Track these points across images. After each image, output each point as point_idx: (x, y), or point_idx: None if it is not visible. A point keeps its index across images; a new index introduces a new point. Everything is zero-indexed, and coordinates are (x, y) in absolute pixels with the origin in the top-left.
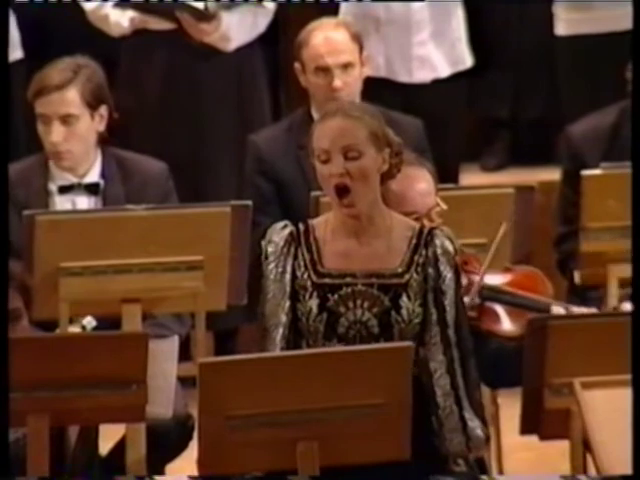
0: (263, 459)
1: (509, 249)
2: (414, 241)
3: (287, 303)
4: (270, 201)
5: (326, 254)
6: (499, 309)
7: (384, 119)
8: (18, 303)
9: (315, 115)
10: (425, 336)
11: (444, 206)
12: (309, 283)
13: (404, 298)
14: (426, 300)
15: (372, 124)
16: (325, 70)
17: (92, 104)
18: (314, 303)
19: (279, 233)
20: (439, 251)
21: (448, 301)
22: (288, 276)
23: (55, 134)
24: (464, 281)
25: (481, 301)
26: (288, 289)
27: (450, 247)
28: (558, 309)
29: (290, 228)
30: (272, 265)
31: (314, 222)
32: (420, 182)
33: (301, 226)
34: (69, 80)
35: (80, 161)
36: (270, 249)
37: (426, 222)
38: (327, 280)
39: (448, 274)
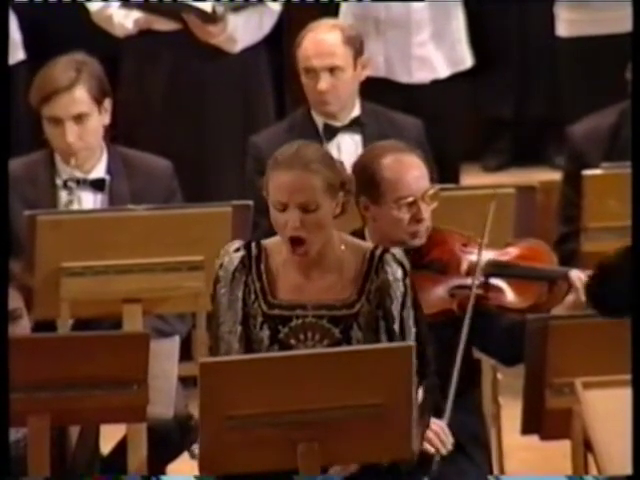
0: (263, 459)
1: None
2: (365, 268)
3: (239, 329)
4: None
5: (278, 284)
6: (506, 283)
7: (385, 120)
8: (19, 303)
9: (314, 116)
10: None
11: (436, 188)
12: (259, 312)
13: (355, 329)
14: (378, 327)
15: (328, 175)
16: (312, 72)
17: (98, 99)
18: (265, 334)
19: (231, 257)
20: (390, 278)
21: (398, 326)
22: (239, 303)
23: (70, 135)
24: (466, 262)
25: (486, 279)
26: (240, 316)
27: (400, 273)
28: (577, 274)
29: (242, 253)
30: (223, 290)
31: (268, 245)
32: (413, 167)
33: (254, 250)
34: (75, 79)
35: (91, 156)
36: (221, 273)
37: (422, 205)
38: (277, 311)
39: (398, 300)
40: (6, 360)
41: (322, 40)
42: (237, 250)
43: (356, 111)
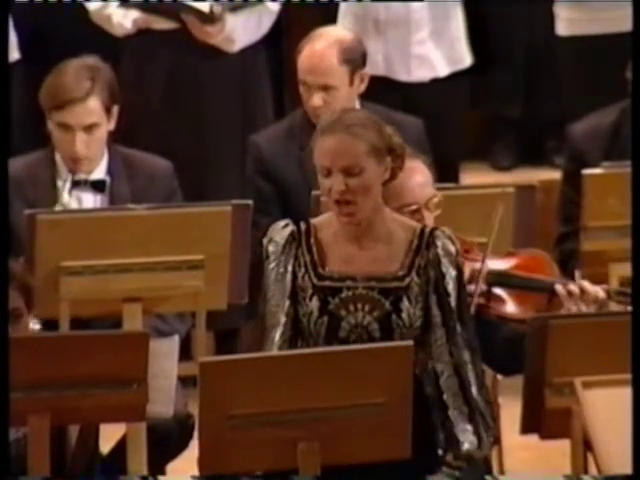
0: (264, 459)
1: (510, 248)
2: (415, 243)
3: (287, 303)
4: (270, 201)
5: (328, 257)
6: (507, 293)
7: (384, 119)
8: (19, 303)
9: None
10: (429, 338)
11: (440, 195)
12: (309, 285)
13: (405, 301)
14: (428, 303)
15: (372, 138)
16: (306, 85)
17: (109, 107)
18: (315, 306)
19: (280, 232)
20: (441, 252)
21: (454, 302)
22: (289, 276)
23: (79, 144)
24: (468, 270)
25: (488, 287)
26: (288, 289)
27: (452, 248)
28: (561, 287)
29: (291, 227)
30: (273, 265)
31: (316, 222)
32: (417, 174)
33: (302, 225)
34: (90, 90)
35: (94, 162)
36: (271, 248)
37: (425, 213)
38: (328, 283)
39: (452, 275)
40: (6, 359)
41: (318, 57)
42: (286, 226)
43: None
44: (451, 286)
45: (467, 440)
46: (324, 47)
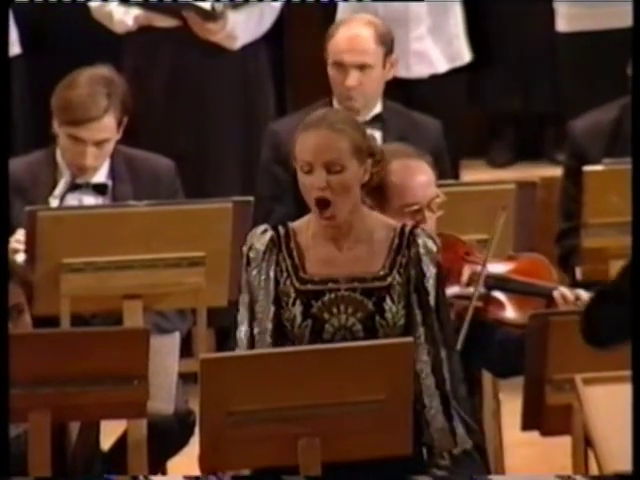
0: (264, 455)
1: (511, 245)
2: (396, 242)
3: (272, 308)
4: (286, 190)
5: (308, 260)
6: (505, 297)
7: (405, 119)
8: (20, 298)
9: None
10: (410, 337)
11: (443, 196)
12: (292, 290)
13: (387, 301)
14: (410, 301)
15: (355, 137)
16: (342, 66)
17: (121, 121)
18: (298, 310)
19: (260, 238)
20: (422, 251)
21: (433, 300)
22: (272, 282)
23: (89, 157)
24: (467, 272)
25: (486, 290)
26: (272, 295)
27: (433, 246)
28: (560, 292)
29: (271, 233)
30: (255, 272)
31: (294, 226)
32: (420, 173)
33: (281, 230)
34: (106, 108)
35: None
36: (252, 255)
37: (427, 213)
38: (310, 286)
39: (432, 273)
40: (6, 356)
41: (356, 36)
42: (265, 231)
43: (378, 108)
44: (431, 284)
45: (444, 438)
46: (360, 26)
